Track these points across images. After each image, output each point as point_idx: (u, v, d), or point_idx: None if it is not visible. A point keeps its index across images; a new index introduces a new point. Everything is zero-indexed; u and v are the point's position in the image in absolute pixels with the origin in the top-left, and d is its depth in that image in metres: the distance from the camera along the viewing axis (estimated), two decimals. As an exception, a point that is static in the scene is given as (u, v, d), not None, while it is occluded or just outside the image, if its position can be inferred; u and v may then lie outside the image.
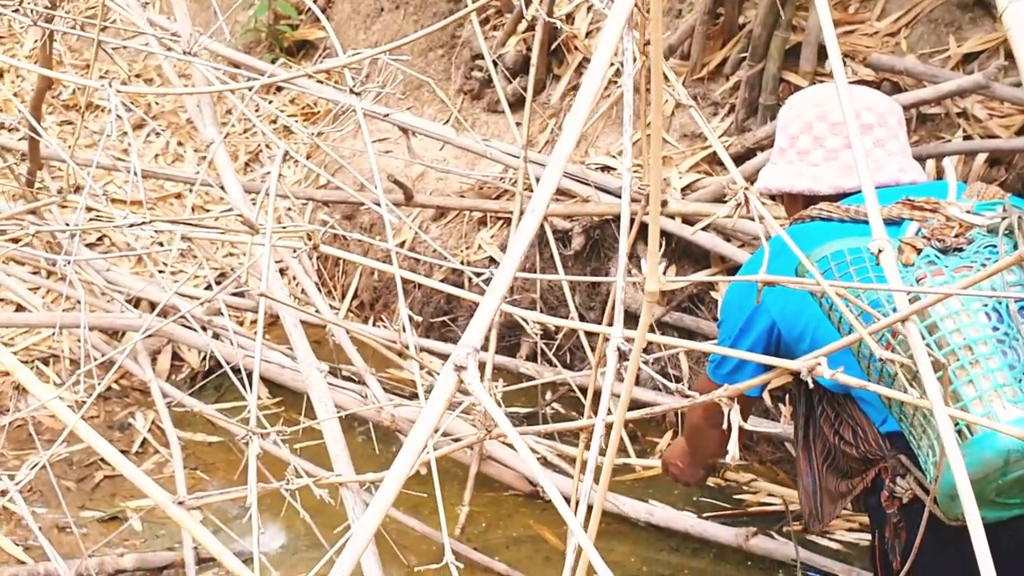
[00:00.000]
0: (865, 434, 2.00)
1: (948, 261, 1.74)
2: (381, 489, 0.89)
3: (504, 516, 3.39)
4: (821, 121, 2.14)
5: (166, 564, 3.03)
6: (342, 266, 4.52)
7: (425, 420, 0.91)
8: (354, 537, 0.89)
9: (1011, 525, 1.75)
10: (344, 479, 1.72)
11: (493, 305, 0.93)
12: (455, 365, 0.91)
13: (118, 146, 4.81)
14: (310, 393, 1.79)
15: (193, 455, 3.52)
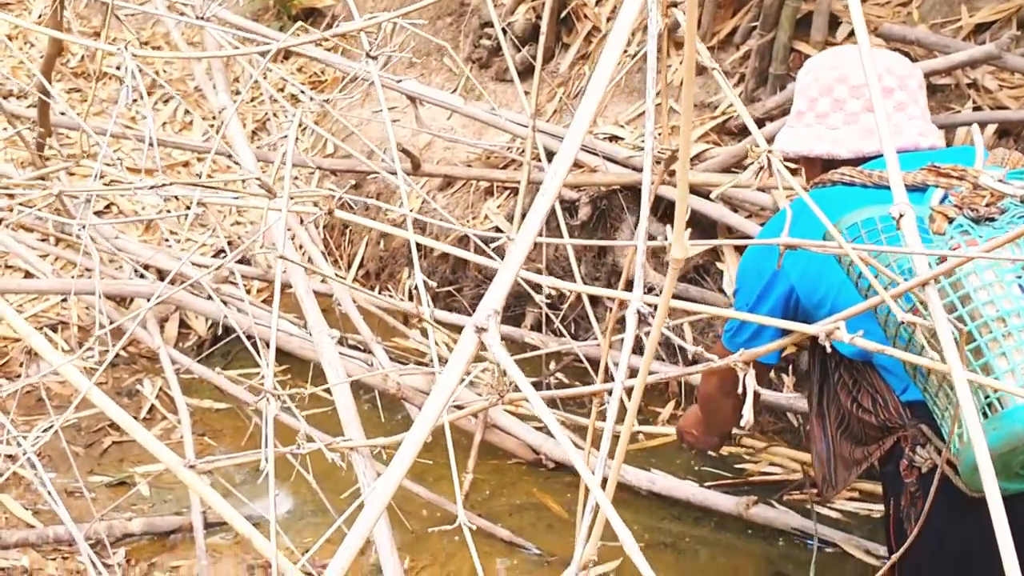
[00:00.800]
0: (885, 402, 1.99)
1: (982, 231, 1.70)
2: (400, 450, 0.90)
3: (508, 484, 3.41)
4: (841, 84, 2.11)
5: (174, 528, 3.05)
6: (348, 235, 4.53)
7: (445, 381, 0.92)
8: (370, 502, 0.89)
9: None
10: (356, 444, 1.73)
11: (515, 267, 0.94)
12: (476, 327, 0.92)
13: (126, 114, 4.80)
14: (321, 359, 1.80)
15: (200, 421, 3.54)
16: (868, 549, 2.98)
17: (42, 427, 2.10)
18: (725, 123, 3.82)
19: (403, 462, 0.91)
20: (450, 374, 0.92)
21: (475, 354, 0.93)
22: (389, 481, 0.92)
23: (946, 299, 1.60)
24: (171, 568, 2.88)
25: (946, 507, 1.84)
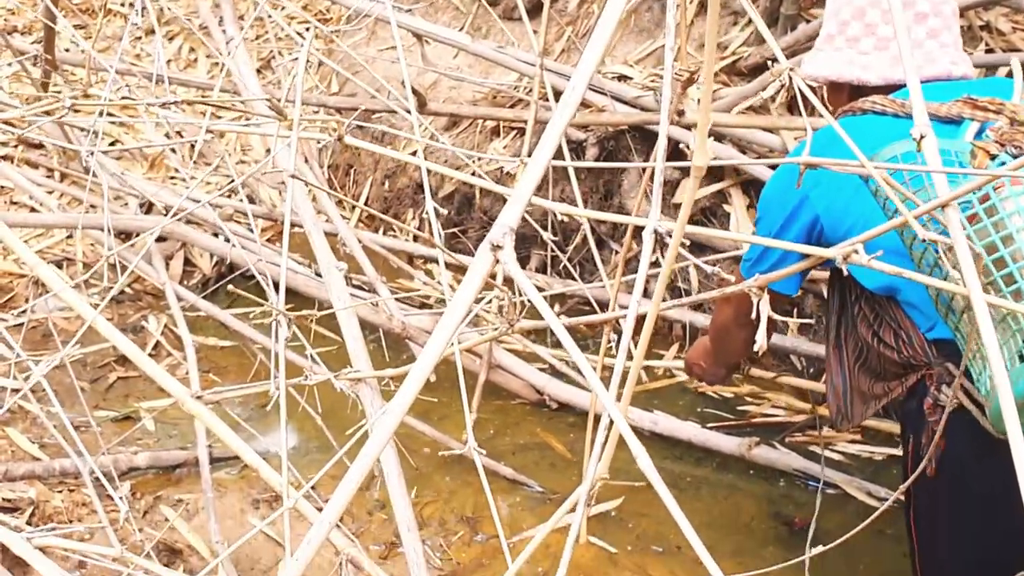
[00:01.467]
0: (909, 339, 1.94)
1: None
2: (414, 367, 0.90)
3: (511, 424, 3.43)
4: (874, 8, 2.01)
5: (179, 463, 3.06)
6: (353, 176, 4.51)
7: (460, 298, 0.91)
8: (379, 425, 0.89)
9: None
10: (363, 375, 1.74)
11: (531, 186, 0.93)
12: (492, 244, 0.91)
13: (131, 51, 4.77)
14: (329, 292, 1.79)
15: (206, 358, 3.55)
16: (870, 491, 3.00)
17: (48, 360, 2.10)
18: (735, 63, 3.78)
19: (416, 379, 0.90)
20: (464, 291, 0.91)
21: (490, 272, 0.92)
22: (400, 401, 0.91)
23: (987, 239, 1.56)
24: (176, 501, 2.90)
25: (970, 447, 1.82)
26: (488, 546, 2.89)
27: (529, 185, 0.93)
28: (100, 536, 2.65)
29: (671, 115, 3.42)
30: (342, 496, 0.84)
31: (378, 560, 2.79)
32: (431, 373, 2.70)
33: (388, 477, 1.61)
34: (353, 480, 0.86)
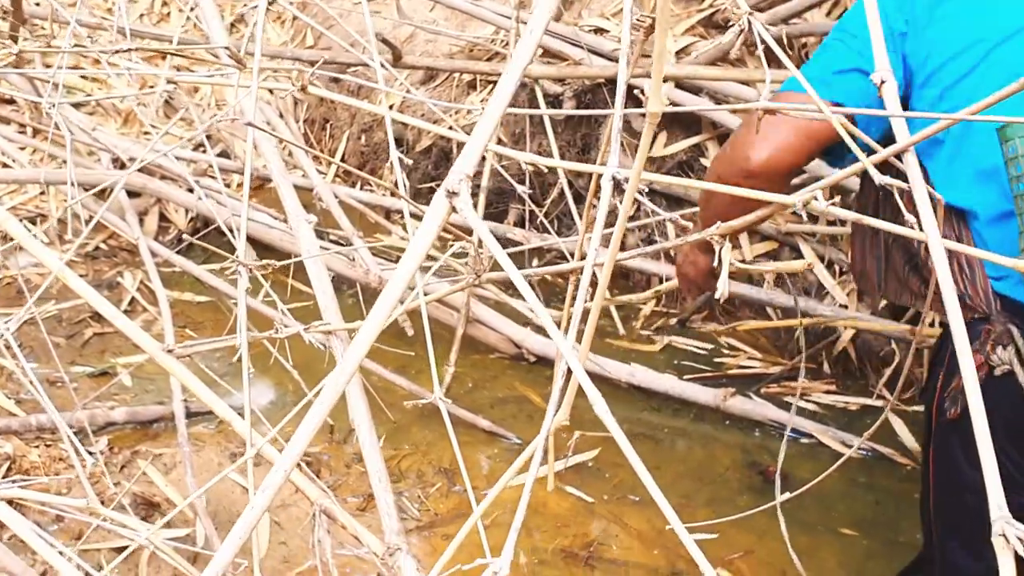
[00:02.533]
0: (972, 275, 1.72)
1: None
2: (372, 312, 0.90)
3: (490, 378, 3.45)
4: None
5: (156, 418, 3.06)
6: (329, 130, 4.48)
7: (416, 245, 0.91)
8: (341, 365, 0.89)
9: None
10: (334, 327, 1.74)
11: (487, 132, 0.93)
12: (447, 191, 0.91)
13: (102, 5, 4.70)
14: (299, 243, 1.79)
15: (181, 314, 3.54)
16: (844, 440, 3.03)
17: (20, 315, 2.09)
18: (712, 16, 3.76)
19: (374, 322, 0.90)
20: (420, 239, 0.91)
21: (447, 219, 0.92)
22: (358, 344, 0.92)
23: None
24: (154, 456, 2.91)
25: (1009, 404, 1.66)
26: (466, 497, 2.92)
27: (485, 132, 0.93)
28: (78, 491, 2.66)
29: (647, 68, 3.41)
30: (300, 440, 0.84)
31: (356, 512, 2.81)
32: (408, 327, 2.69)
33: (359, 427, 1.62)
34: (312, 423, 0.87)
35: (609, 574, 2.70)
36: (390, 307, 0.90)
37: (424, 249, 0.91)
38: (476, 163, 0.92)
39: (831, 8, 3.66)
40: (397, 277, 0.90)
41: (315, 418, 0.88)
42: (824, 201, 0.94)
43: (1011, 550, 0.72)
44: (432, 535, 2.80)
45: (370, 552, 1.74)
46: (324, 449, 3.03)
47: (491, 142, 1.80)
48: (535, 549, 2.76)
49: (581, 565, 2.73)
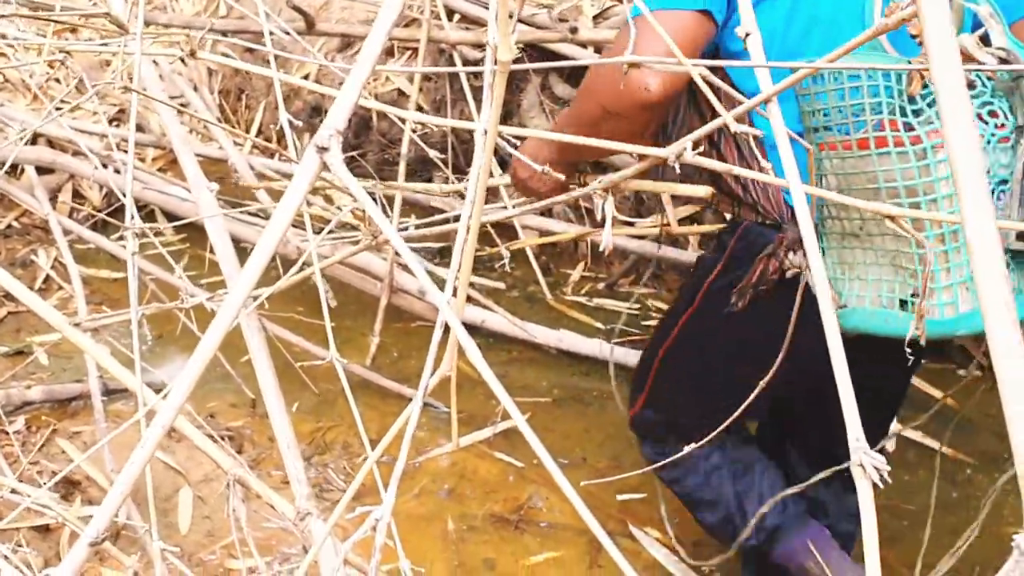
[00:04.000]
0: (766, 188, 1.84)
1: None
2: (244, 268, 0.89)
3: (415, 347, 3.44)
4: None
5: (74, 396, 3.02)
6: (245, 101, 4.43)
7: (286, 203, 0.91)
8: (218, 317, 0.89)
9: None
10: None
11: (357, 86, 0.92)
12: (317, 147, 0.90)
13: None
14: (199, 211, 1.77)
15: (98, 291, 3.49)
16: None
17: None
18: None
19: (246, 279, 0.90)
20: (291, 195, 0.90)
21: (318, 175, 0.92)
22: (231, 301, 0.91)
23: (915, 198, 1.53)
24: (72, 434, 2.87)
25: (784, 307, 1.77)
26: (391, 466, 2.91)
27: (354, 88, 0.93)
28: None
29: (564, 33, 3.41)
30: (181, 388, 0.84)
31: (280, 485, 2.80)
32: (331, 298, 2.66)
33: (265, 394, 1.61)
34: (190, 374, 0.86)
35: (539, 536, 2.72)
36: (263, 263, 0.90)
37: (296, 204, 0.91)
38: (346, 118, 0.91)
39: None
40: (269, 231, 0.89)
41: (197, 363, 0.88)
42: (692, 152, 0.95)
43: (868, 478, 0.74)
44: (357, 504, 2.80)
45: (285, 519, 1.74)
46: (246, 423, 3.01)
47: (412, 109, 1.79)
48: (464, 515, 2.78)
49: (511, 529, 2.75)
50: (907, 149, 1.52)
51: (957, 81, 0.65)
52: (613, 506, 2.77)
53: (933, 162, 1.51)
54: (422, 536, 2.67)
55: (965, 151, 0.66)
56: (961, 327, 1.57)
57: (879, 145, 1.54)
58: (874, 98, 1.52)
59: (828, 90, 1.57)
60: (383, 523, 0.79)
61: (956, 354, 3.31)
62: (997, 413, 3.06)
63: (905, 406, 3.15)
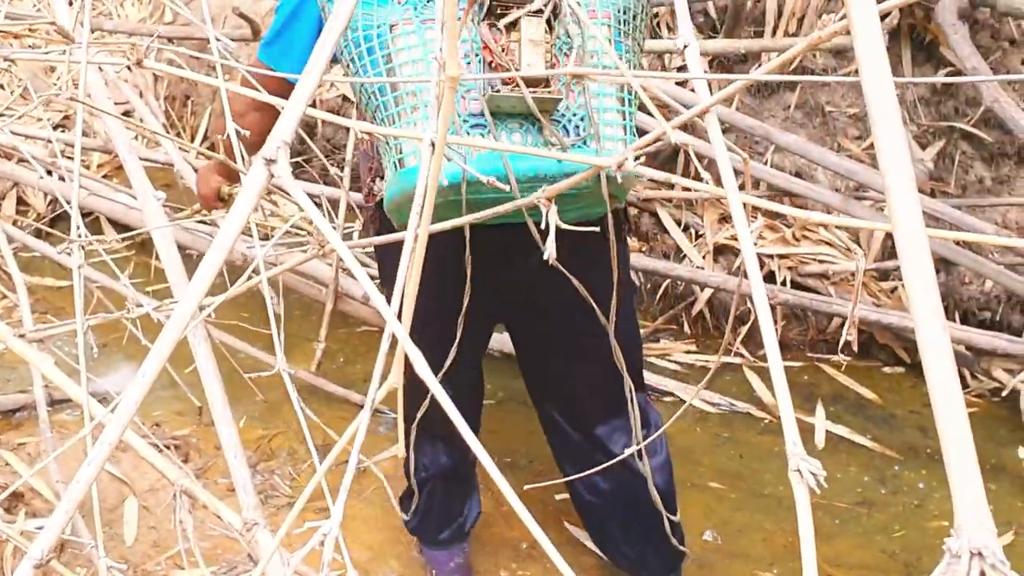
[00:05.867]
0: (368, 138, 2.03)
1: (425, 9, 1.75)
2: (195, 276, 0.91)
3: (362, 353, 3.45)
4: None
5: (18, 407, 3.00)
6: (191, 107, 4.41)
7: (235, 214, 0.92)
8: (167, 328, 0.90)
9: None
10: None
11: (303, 99, 0.94)
12: (265, 159, 0.92)
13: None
14: (145, 220, 1.77)
15: (43, 300, 3.46)
16: (705, 398, 3.12)
17: None
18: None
19: (195, 290, 0.92)
20: (240, 205, 0.92)
21: (266, 187, 0.94)
22: (179, 311, 0.93)
23: (386, 66, 1.72)
24: (17, 445, 2.84)
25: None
26: (339, 471, 2.92)
27: (302, 99, 0.95)
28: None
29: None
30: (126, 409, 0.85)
31: (225, 493, 2.79)
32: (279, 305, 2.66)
33: (212, 402, 1.62)
34: (138, 390, 0.88)
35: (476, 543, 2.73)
36: (212, 273, 0.92)
37: (245, 215, 0.93)
38: (293, 130, 0.93)
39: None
40: (217, 243, 0.91)
41: (145, 378, 0.89)
42: (633, 163, 0.98)
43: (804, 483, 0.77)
44: (304, 511, 2.80)
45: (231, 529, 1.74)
46: (192, 431, 3.00)
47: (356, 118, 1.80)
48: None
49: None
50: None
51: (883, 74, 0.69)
52: (552, 503, 2.78)
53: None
54: (373, 534, 2.69)
55: (896, 163, 0.69)
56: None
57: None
58: None
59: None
60: (331, 538, 0.81)
61: (880, 351, 3.39)
62: (922, 409, 3.16)
63: (833, 403, 3.27)
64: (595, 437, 2.23)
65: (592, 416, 2.21)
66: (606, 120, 1.76)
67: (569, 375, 2.20)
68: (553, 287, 1.77)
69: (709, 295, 3.35)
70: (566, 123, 1.74)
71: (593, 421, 2.22)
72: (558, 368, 2.20)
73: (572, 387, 2.21)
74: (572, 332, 2.10)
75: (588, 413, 2.22)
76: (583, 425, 2.23)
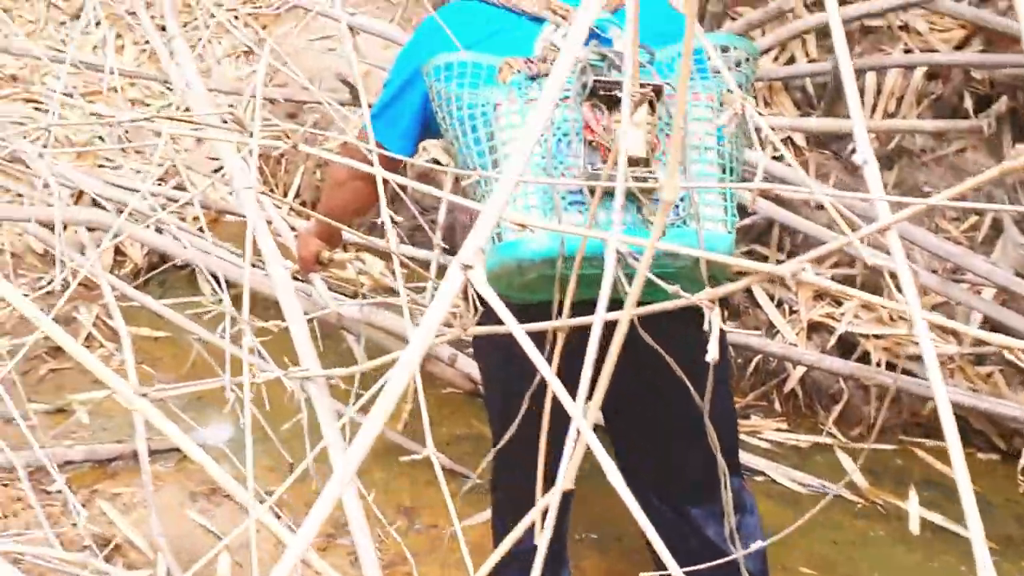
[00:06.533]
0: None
1: (528, 89, 1.80)
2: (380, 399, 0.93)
3: (446, 414, 3.47)
4: None
5: (114, 456, 3.05)
6: (284, 165, 4.49)
7: (430, 319, 0.94)
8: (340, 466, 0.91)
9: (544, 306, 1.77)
10: (312, 373, 1.76)
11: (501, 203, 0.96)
12: (462, 264, 0.95)
13: (55, 36, 4.68)
14: (275, 289, 1.81)
15: (139, 349, 3.51)
16: (795, 478, 3.09)
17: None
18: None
19: (381, 413, 0.93)
20: (435, 311, 0.94)
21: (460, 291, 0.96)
22: (362, 440, 0.94)
23: (488, 144, 1.78)
24: (113, 495, 2.89)
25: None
26: (426, 535, 2.93)
27: (499, 202, 0.97)
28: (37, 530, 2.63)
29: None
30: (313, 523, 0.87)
31: (317, 551, 2.82)
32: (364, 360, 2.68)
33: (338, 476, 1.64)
34: (316, 520, 0.89)
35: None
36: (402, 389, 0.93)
37: (439, 322, 0.94)
38: (488, 239, 0.96)
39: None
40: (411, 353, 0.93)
41: (319, 516, 0.90)
42: (812, 273, 0.99)
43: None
44: (393, 574, 2.81)
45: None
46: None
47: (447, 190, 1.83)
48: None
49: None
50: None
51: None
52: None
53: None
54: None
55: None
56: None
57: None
58: None
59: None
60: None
61: (976, 437, 3.34)
62: (1019, 498, 3.10)
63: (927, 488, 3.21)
64: (690, 518, 2.21)
65: (687, 497, 2.20)
66: (707, 200, 1.79)
67: (665, 455, 2.19)
68: (650, 365, 1.78)
69: (802, 373, 3.33)
70: None
71: (688, 502, 2.20)
72: (653, 447, 2.20)
73: (667, 467, 2.20)
74: (669, 412, 2.10)
75: (683, 494, 2.20)
76: (677, 505, 2.22)
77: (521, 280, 1.77)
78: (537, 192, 1.76)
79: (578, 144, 1.75)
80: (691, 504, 2.19)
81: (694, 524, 2.19)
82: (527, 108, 1.78)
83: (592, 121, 1.76)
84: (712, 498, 2.14)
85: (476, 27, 1.96)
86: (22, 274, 3.74)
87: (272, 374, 1.75)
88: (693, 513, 2.20)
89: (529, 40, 1.92)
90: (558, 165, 1.76)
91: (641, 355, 1.63)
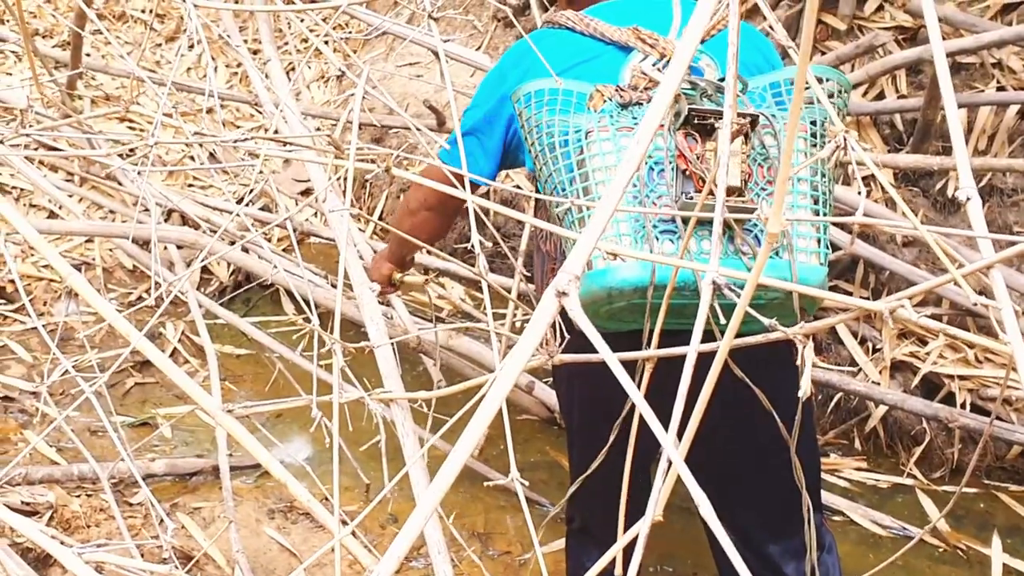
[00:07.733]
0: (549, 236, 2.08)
1: (620, 117, 1.80)
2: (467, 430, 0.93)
3: (521, 441, 3.47)
4: None
5: (195, 471, 3.10)
6: (368, 188, 4.55)
7: (523, 346, 0.95)
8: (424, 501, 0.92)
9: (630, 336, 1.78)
10: (396, 396, 1.78)
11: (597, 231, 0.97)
12: (557, 291, 0.95)
13: (150, 58, 4.81)
14: (362, 313, 1.84)
15: (222, 366, 3.57)
16: (875, 519, 3.03)
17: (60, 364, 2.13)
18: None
19: (466, 445, 0.93)
20: (528, 339, 0.95)
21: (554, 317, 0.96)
22: (448, 470, 0.94)
23: (579, 171, 1.77)
24: (193, 509, 2.94)
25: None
26: (500, 562, 2.93)
27: (596, 231, 0.98)
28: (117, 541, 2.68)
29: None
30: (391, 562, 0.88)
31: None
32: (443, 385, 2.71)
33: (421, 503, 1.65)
34: (399, 551, 0.89)
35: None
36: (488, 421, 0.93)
37: (531, 349, 0.95)
38: (584, 265, 0.96)
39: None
40: (503, 380, 0.93)
41: (402, 548, 0.91)
42: (912, 310, 0.98)
43: None
44: (470, 601, 2.81)
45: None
46: (360, 508, 3.05)
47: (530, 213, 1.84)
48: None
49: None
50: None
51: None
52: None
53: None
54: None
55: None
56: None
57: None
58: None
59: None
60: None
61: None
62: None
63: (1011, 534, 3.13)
64: (767, 556, 2.18)
65: (765, 534, 2.17)
66: (799, 232, 1.78)
67: (744, 491, 2.17)
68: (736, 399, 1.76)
69: (884, 412, 3.27)
70: (758, 232, 1.76)
71: (765, 539, 2.17)
72: (733, 483, 2.17)
73: (746, 503, 2.17)
74: (753, 447, 2.08)
75: (761, 530, 2.17)
76: (754, 542, 2.19)
77: (609, 308, 1.77)
78: (628, 220, 1.77)
79: (671, 173, 1.76)
80: (770, 541, 2.16)
81: (772, 563, 2.16)
82: (619, 136, 1.79)
83: (686, 150, 1.76)
84: (791, 534, 2.12)
85: (564, 55, 1.98)
86: (112, 288, 3.84)
87: (356, 395, 1.77)
88: (771, 551, 2.17)
89: (616, 68, 1.93)
90: (650, 194, 1.77)
91: (727, 386, 1.62)
